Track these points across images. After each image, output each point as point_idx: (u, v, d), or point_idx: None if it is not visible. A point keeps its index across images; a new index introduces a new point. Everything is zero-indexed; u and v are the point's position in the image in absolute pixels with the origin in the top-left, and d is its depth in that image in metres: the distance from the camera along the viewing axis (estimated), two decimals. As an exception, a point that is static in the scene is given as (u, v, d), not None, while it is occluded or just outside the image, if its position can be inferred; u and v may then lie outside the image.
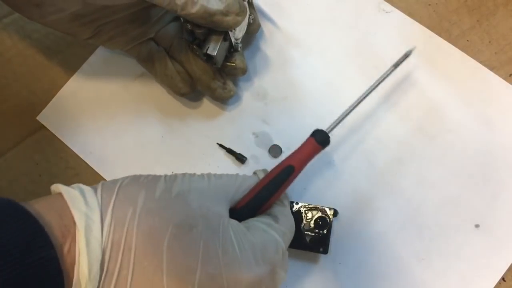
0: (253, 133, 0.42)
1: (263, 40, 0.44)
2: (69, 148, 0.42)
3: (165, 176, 0.30)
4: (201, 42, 0.38)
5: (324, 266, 0.39)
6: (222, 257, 0.27)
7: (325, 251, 0.37)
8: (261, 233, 0.30)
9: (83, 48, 0.45)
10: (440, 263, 0.39)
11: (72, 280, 0.24)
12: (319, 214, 0.37)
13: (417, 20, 0.44)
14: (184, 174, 0.30)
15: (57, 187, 0.27)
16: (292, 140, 0.42)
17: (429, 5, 0.45)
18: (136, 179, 0.29)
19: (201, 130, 0.43)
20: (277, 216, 0.32)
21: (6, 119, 0.43)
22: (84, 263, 0.24)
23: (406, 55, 0.38)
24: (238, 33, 0.38)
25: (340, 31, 0.44)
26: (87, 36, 0.37)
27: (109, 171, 0.42)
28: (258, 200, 0.31)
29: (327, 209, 0.37)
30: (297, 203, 0.37)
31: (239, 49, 0.40)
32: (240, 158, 0.41)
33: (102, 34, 0.37)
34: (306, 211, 0.37)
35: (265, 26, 0.44)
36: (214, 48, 0.36)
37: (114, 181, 0.28)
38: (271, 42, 0.44)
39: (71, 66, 0.44)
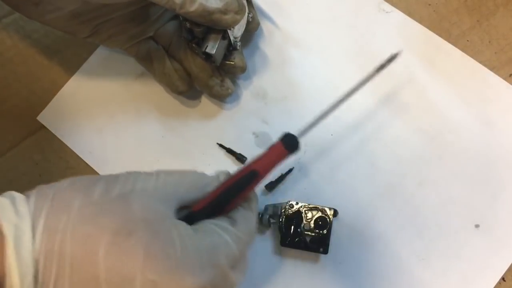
0: (253, 133, 0.42)
1: (262, 38, 0.44)
2: (69, 148, 0.42)
3: (108, 176, 0.28)
4: (200, 41, 0.38)
5: (324, 266, 0.39)
6: (163, 262, 0.25)
7: (325, 251, 0.37)
8: (211, 236, 0.28)
9: (83, 48, 0.45)
10: (440, 263, 0.39)
11: None
12: (319, 214, 0.37)
13: (417, 20, 0.44)
14: (129, 173, 0.28)
15: None
16: (292, 140, 0.42)
17: (429, 5, 0.45)
18: (74, 182, 0.27)
19: (201, 130, 0.43)
20: (236, 220, 0.30)
21: (6, 119, 0.43)
22: (15, 275, 0.23)
23: (391, 58, 0.35)
24: (237, 32, 0.38)
25: (339, 31, 0.44)
26: (86, 35, 0.37)
27: (109, 171, 0.42)
28: (217, 204, 0.29)
29: (327, 209, 0.37)
30: (297, 203, 0.37)
31: (238, 47, 0.40)
32: (240, 158, 0.41)
33: (101, 33, 0.37)
34: (306, 211, 0.37)
35: (264, 25, 0.44)
36: (213, 47, 0.37)
37: (51, 186, 0.27)
38: (270, 41, 0.44)
39: (71, 66, 0.44)
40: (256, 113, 0.43)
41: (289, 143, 0.31)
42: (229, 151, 0.42)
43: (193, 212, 0.29)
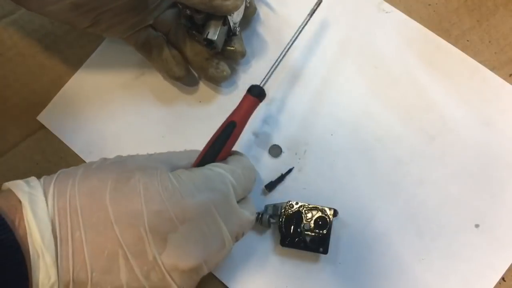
0: (253, 133, 0.42)
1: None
2: (69, 148, 0.42)
3: (105, 158, 0.32)
4: (200, 28, 0.38)
5: (324, 266, 0.39)
6: (163, 193, 0.28)
7: (325, 251, 0.37)
8: (203, 170, 0.31)
9: (83, 48, 0.45)
10: (440, 263, 0.39)
11: (29, 251, 0.25)
12: (319, 214, 0.37)
13: (417, 20, 0.44)
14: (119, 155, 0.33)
15: (4, 185, 0.29)
16: (292, 140, 0.42)
17: (429, 5, 0.45)
18: (74, 167, 0.31)
19: (202, 131, 0.42)
20: (227, 161, 0.33)
21: (6, 119, 0.43)
22: (35, 231, 0.26)
23: (318, 3, 0.40)
24: (236, 17, 0.39)
25: (340, 31, 0.44)
26: (86, 25, 0.37)
27: (109, 171, 0.42)
28: (206, 160, 0.33)
29: (327, 209, 0.37)
30: (297, 203, 0.37)
31: (237, 33, 0.40)
32: (240, 158, 0.41)
33: (101, 23, 0.37)
34: (306, 211, 0.37)
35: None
36: (214, 33, 0.37)
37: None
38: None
39: (71, 66, 0.44)
40: (256, 113, 0.43)
41: (256, 92, 0.35)
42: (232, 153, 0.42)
43: None
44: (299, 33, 0.39)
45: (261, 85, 0.36)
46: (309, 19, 0.39)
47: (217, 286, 0.39)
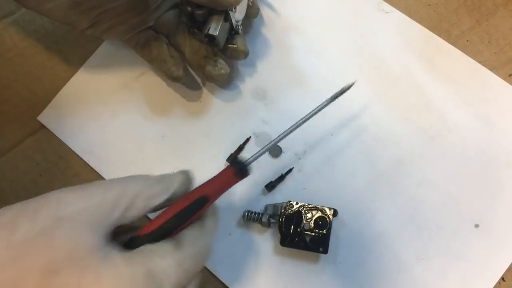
0: (253, 133, 0.42)
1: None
2: (69, 148, 0.42)
3: (36, 201, 0.26)
4: (201, 25, 0.38)
5: (324, 266, 0.39)
6: None
7: (325, 251, 0.37)
8: (148, 262, 0.26)
9: (83, 48, 0.45)
10: (439, 263, 0.39)
11: None
12: (319, 214, 0.37)
13: (417, 21, 0.44)
14: (60, 192, 0.26)
15: None
16: (292, 140, 0.42)
17: (429, 5, 0.45)
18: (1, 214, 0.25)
19: (201, 131, 0.43)
20: (184, 242, 0.28)
21: (7, 119, 0.43)
22: None
23: (344, 90, 0.36)
24: (238, 15, 0.38)
25: (339, 31, 0.44)
26: (85, 26, 0.36)
27: (109, 171, 0.42)
28: (164, 231, 0.28)
29: (327, 209, 0.37)
30: (297, 203, 0.37)
31: (240, 31, 0.40)
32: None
33: (101, 23, 0.37)
34: (306, 211, 0.37)
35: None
36: (215, 28, 0.37)
37: None
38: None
39: (72, 66, 0.44)
40: (256, 113, 0.43)
41: (239, 169, 0.30)
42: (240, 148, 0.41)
43: (138, 237, 0.27)
44: (314, 113, 0.35)
45: (246, 163, 0.31)
46: (329, 103, 0.35)
47: (217, 286, 0.39)
